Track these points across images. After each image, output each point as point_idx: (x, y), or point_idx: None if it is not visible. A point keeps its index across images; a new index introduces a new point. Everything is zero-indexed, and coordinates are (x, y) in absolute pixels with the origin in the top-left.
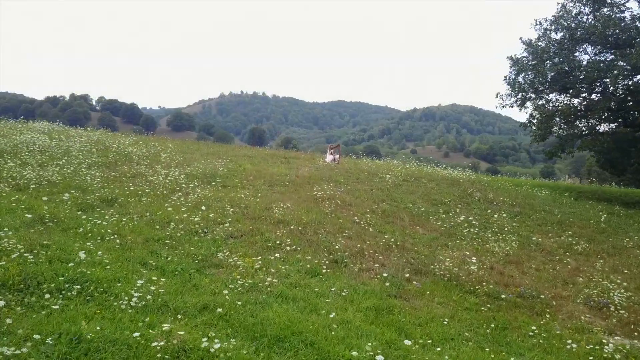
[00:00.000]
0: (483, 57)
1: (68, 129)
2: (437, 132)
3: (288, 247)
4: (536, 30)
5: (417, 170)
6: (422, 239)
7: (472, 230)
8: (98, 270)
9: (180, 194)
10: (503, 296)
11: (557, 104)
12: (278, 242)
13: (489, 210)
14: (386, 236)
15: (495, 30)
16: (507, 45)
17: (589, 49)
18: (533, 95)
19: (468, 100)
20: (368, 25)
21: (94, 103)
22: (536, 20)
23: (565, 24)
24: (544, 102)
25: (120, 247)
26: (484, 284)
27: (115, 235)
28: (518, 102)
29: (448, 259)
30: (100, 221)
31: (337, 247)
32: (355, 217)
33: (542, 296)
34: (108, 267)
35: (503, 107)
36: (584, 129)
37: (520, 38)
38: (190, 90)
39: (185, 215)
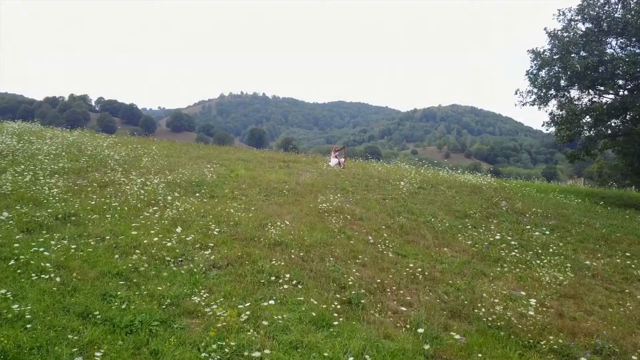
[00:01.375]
0: (483, 57)
1: (44, 130)
2: (437, 133)
3: (286, 285)
4: (559, 21)
5: (433, 175)
6: (452, 264)
7: (511, 252)
8: (8, 334)
9: (156, 208)
10: (582, 359)
11: (586, 101)
12: (274, 276)
13: (527, 226)
14: (410, 264)
15: (495, 30)
16: (508, 45)
17: (614, 41)
18: (554, 92)
19: (468, 100)
20: (368, 25)
21: (93, 104)
22: (559, 10)
23: (593, 13)
24: (566, 99)
25: (61, 288)
26: (547, 334)
27: (59, 270)
28: (541, 99)
29: (494, 298)
30: (42, 248)
31: (350, 280)
32: (369, 236)
33: (633, 358)
34: (29, 325)
35: (523, 105)
36: (617, 128)
37: (545, 28)
38: (190, 91)
39: (156, 238)
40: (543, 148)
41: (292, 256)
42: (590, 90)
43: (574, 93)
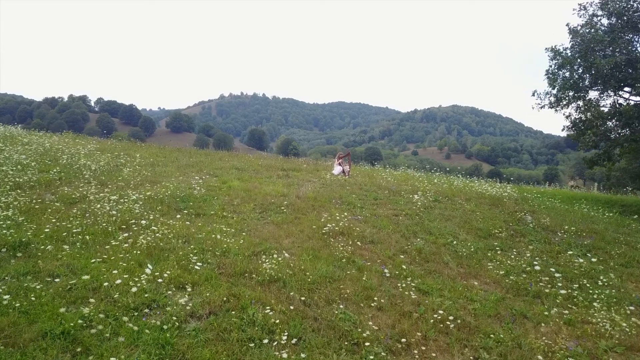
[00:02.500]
0: (484, 57)
1: (21, 135)
2: (438, 134)
3: (285, 353)
4: (580, 16)
5: (447, 185)
6: (485, 302)
7: (555, 287)
8: None
9: (126, 234)
10: None
11: (608, 103)
12: (267, 334)
13: (565, 250)
14: (438, 309)
15: (496, 30)
16: (508, 45)
17: (636, 38)
18: (573, 94)
19: (469, 101)
20: (368, 26)
21: (92, 104)
22: (580, 4)
23: (618, 6)
24: (587, 101)
25: None
26: None
27: None
28: (559, 101)
29: (549, 358)
30: None
31: (365, 335)
32: (385, 268)
33: None
34: None
35: (541, 107)
36: None
37: (567, 24)
38: (189, 92)
39: (119, 280)
40: (544, 149)
41: (291, 298)
42: (614, 92)
43: (593, 94)
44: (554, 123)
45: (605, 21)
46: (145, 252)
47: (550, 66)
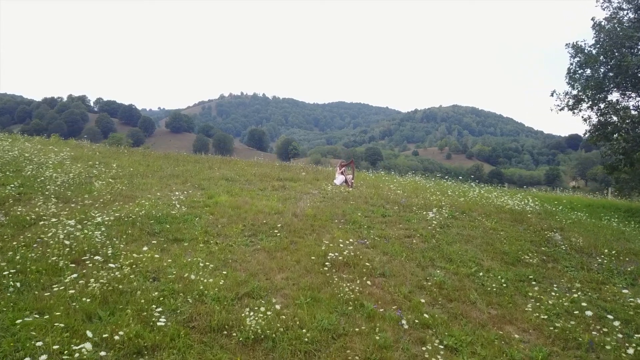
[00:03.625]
0: (484, 57)
1: None
2: (438, 134)
3: None
4: (604, 8)
5: (463, 197)
6: None
7: (611, 340)
8: None
9: (83, 270)
10: None
11: (631, 105)
12: None
13: (605, 278)
14: None
15: (496, 30)
16: (508, 45)
17: None
18: (596, 93)
19: (469, 101)
20: (368, 26)
21: (91, 104)
22: None
23: None
24: (606, 103)
25: None
26: None
27: None
28: (585, 104)
29: None
30: None
31: None
32: (401, 315)
33: None
34: None
35: (561, 109)
36: None
37: (593, 18)
38: (189, 91)
39: (45, 355)
40: (545, 149)
41: None
42: (637, 93)
43: (615, 96)
44: (555, 123)
45: (631, 15)
46: (99, 299)
47: (572, 64)
